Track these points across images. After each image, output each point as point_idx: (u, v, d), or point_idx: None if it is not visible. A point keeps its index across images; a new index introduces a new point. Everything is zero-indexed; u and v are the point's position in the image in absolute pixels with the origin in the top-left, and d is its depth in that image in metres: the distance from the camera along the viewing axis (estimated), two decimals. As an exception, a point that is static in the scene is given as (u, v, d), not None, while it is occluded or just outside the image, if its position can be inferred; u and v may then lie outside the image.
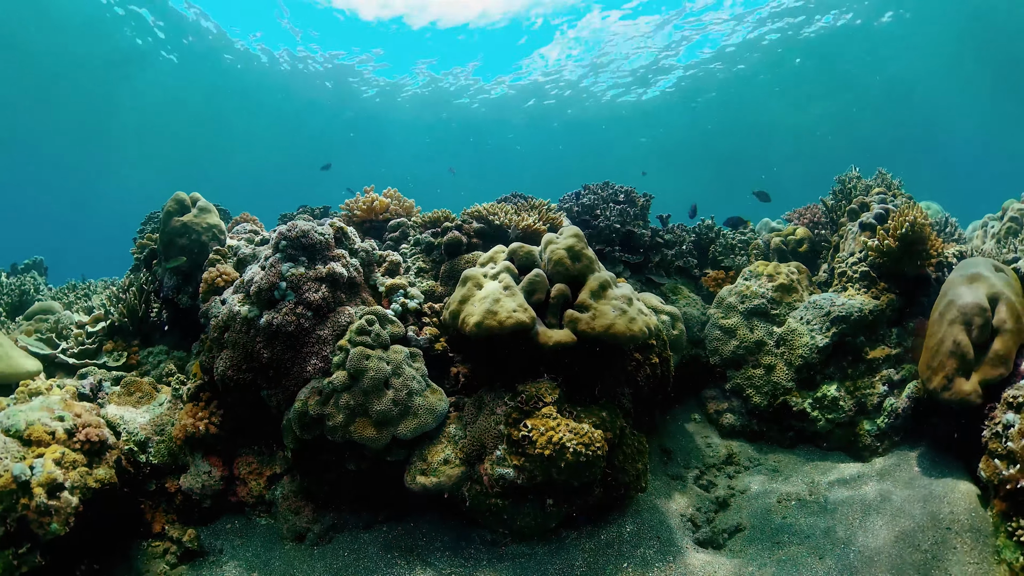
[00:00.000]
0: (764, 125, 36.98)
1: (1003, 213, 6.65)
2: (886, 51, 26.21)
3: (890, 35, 24.67)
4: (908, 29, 24.17)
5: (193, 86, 27.50)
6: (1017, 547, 3.56)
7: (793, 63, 26.91)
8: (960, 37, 25.03)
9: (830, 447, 5.48)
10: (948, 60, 27.49)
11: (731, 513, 4.89)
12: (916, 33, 24.57)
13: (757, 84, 29.26)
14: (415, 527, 4.61)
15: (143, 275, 6.45)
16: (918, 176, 8.21)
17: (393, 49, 25.76)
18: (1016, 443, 3.72)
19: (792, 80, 28.92)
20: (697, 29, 23.80)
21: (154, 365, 5.78)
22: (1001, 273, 4.67)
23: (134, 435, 4.82)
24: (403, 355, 4.47)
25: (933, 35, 24.75)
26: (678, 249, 7.43)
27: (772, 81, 28.98)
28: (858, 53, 26.25)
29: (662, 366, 5.13)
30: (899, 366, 5.45)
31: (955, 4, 22.35)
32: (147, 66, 25.02)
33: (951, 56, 27.03)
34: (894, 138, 41.12)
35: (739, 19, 23.14)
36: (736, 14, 22.71)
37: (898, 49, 26.04)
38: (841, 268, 6.21)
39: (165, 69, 25.44)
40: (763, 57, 26.33)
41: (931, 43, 25.53)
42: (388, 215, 6.51)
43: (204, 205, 6.08)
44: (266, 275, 4.57)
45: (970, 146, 47.51)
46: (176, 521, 4.73)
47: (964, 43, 25.56)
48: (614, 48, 25.53)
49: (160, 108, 30.11)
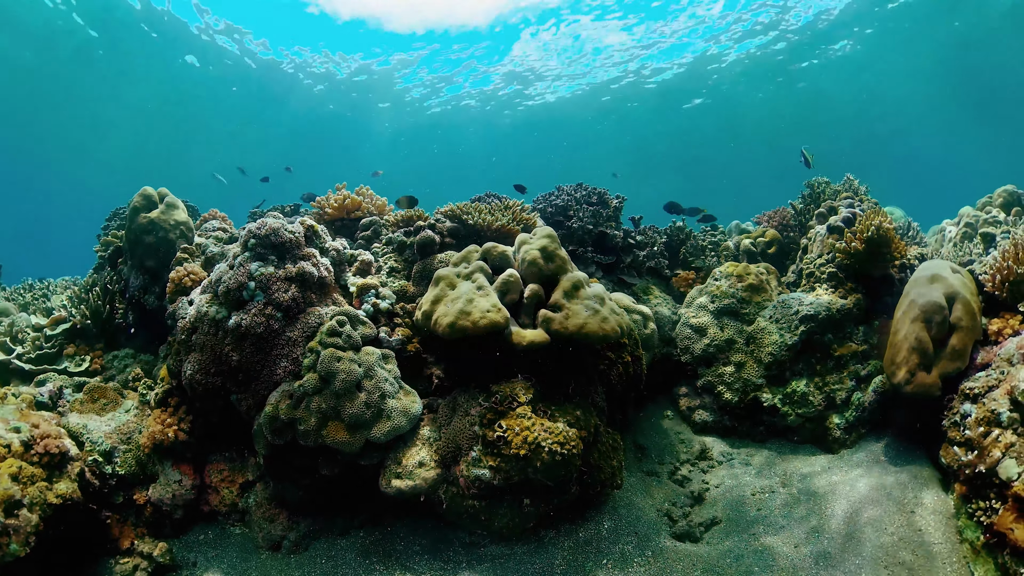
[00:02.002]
0: (737, 130, 37.79)
1: (959, 219, 6.95)
2: (854, 66, 27.20)
3: (858, 52, 25.67)
4: (874, 47, 25.14)
5: (157, 76, 26.44)
6: (978, 527, 3.71)
7: (766, 73, 27.58)
8: (924, 56, 26.26)
9: (801, 440, 5.61)
10: (912, 77, 28.90)
11: (707, 507, 4.96)
12: (882, 51, 25.63)
13: (731, 91, 29.82)
14: (392, 531, 4.56)
15: (108, 274, 6.22)
16: (883, 183, 8.60)
17: (377, 48, 25.39)
18: (973, 431, 3.90)
19: (764, 88, 29.60)
20: (671, 36, 24.18)
21: (119, 370, 5.58)
22: (958, 274, 4.88)
23: (98, 445, 4.66)
24: (375, 357, 4.43)
25: (897, 55, 25.92)
26: (650, 250, 7.51)
27: (746, 89, 29.60)
28: (828, 66, 27.18)
29: (634, 364, 5.17)
30: (865, 362, 5.61)
31: (920, 27, 23.31)
32: (108, 56, 24.03)
33: (915, 73, 28.41)
34: (861, 147, 42.79)
35: (711, 31, 23.65)
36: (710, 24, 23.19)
37: (865, 65, 27.12)
38: (809, 269, 6.35)
39: (128, 59, 24.42)
40: (737, 65, 26.88)
41: (896, 61, 26.71)
42: (360, 213, 6.43)
43: (172, 201, 5.91)
44: (234, 274, 4.47)
45: (932, 157, 50.02)
46: (146, 535, 4.56)
47: (926, 61, 26.82)
48: (585, 52, 25.73)
49: (124, 99, 28.90)
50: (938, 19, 22.86)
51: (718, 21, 23.05)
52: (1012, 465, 3.51)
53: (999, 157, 47.08)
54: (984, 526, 3.63)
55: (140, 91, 27.36)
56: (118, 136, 32.78)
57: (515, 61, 26.52)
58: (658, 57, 26.19)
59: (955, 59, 26.63)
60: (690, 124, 35.26)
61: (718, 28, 23.63)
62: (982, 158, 48.12)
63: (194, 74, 26.16)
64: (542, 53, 25.71)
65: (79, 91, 26.78)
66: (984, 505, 3.68)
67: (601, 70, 27.56)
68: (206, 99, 29.23)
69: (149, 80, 26.27)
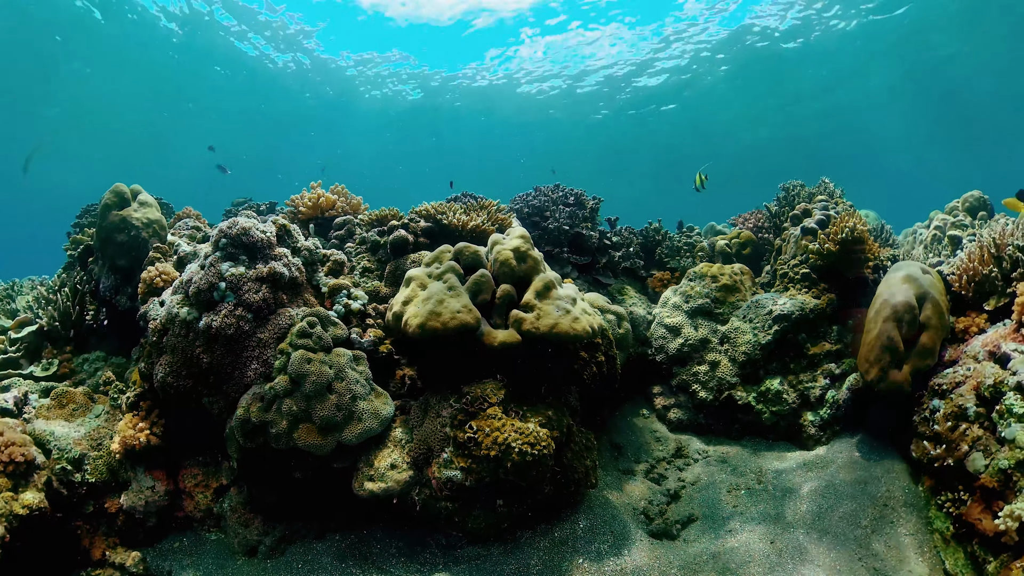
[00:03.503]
0: (713, 135, 38.30)
1: (930, 222, 7.13)
2: (830, 74, 27.85)
3: (835, 62, 26.34)
4: (850, 57, 25.81)
5: (133, 65, 25.61)
6: (947, 517, 3.82)
7: (742, 79, 27.96)
8: (897, 67, 27.05)
9: (776, 438, 5.65)
10: (886, 86, 29.81)
11: (683, 504, 4.98)
12: (857, 62, 26.35)
13: (708, 96, 30.16)
14: (368, 534, 4.53)
15: (78, 274, 6.07)
16: (858, 186, 8.78)
17: (363, 40, 25.13)
18: (942, 425, 3.99)
19: (741, 94, 30.01)
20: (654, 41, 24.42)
21: (90, 373, 5.45)
22: (928, 275, 4.99)
23: (67, 452, 4.52)
24: (346, 358, 4.39)
25: (873, 64, 26.59)
26: (625, 251, 7.55)
27: (723, 95, 29.98)
28: (805, 74, 27.75)
29: (608, 364, 5.18)
30: (839, 361, 5.67)
31: (893, 39, 24.02)
32: (81, 43, 23.27)
33: (889, 83, 29.31)
34: (837, 152, 44.03)
35: (688, 38, 23.98)
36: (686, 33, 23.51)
37: (842, 74, 27.82)
38: (783, 270, 6.42)
39: (101, 46, 23.65)
40: (715, 70, 27.20)
41: (871, 70, 27.45)
42: (335, 212, 6.38)
43: (145, 199, 5.80)
44: (205, 275, 4.42)
45: (904, 162, 51.89)
46: (118, 544, 4.45)
47: (898, 71, 27.62)
48: (571, 55, 25.87)
49: (97, 90, 27.94)
50: (911, 37, 23.70)
51: (696, 30, 23.34)
52: (979, 458, 3.61)
53: (969, 163, 48.69)
54: (953, 517, 3.72)
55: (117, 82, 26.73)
56: (91, 129, 32.00)
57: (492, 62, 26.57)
58: (637, 63, 26.42)
59: (929, 73, 27.74)
60: (668, 128, 35.61)
61: (697, 39, 23.95)
62: (953, 164, 49.75)
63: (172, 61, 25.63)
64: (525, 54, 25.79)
65: (51, 81, 26.13)
66: (953, 497, 3.78)
67: (577, 74, 27.70)
68: (186, 88, 28.63)
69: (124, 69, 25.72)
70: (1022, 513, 3.14)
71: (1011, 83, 29.15)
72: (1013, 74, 27.76)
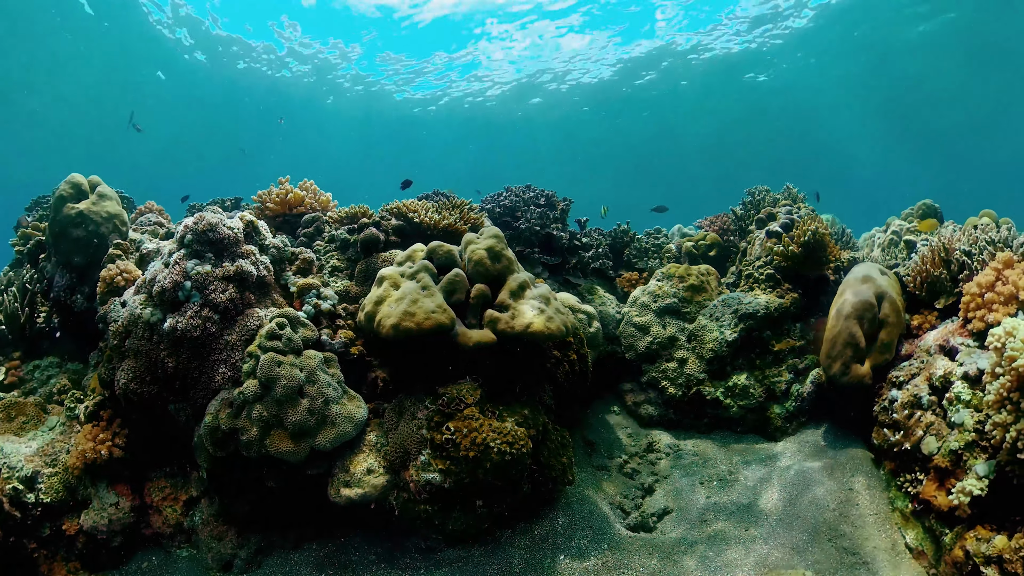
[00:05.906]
0: (680, 139, 39.21)
1: (887, 227, 7.54)
2: (792, 80, 28.84)
3: (797, 68, 27.39)
4: (812, 66, 26.89)
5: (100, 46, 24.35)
6: (906, 497, 4.15)
7: (707, 83, 28.72)
8: (859, 75, 28.49)
9: (744, 430, 5.82)
10: (848, 93, 31.29)
11: (657, 497, 5.08)
12: (819, 70, 27.46)
13: (675, 99, 30.79)
14: (346, 542, 4.45)
15: (27, 272, 5.73)
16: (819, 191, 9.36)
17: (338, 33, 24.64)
18: (899, 414, 4.30)
19: (707, 99, 30.81)
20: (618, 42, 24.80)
21: (42, 381, 5.16)
22: (885, 276, 5.33)
23: (17, 471, 4.25)
24: (317, 361, 4.29)
25: (835, 72, 27.83)
26: (595, 252, 7.64)
27: (690, 98, 30.68)
28: (768, 79, 28.75)
29: (580, 362, 5.23)
30: (803, 356, 5.90)
31: (855, 48, 25.13)
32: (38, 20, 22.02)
33: (851, 90, 30.77)
34: (800, 158, 45.81)
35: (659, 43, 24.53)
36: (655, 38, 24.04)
37: (804, 80, 28.90)
38: (748, 271, 6.63)
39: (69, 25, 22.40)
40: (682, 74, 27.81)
41: (833, 78, 28.68)
42: (303, 209, 6.22)
43: (104, 191, 5.47)
44: (170, 273, 4.26)
45: (864, 168, 54.79)
46: (79, 569, 4.21)
47: (859, 79, 29.03)
48: (543, 56, 26.03)
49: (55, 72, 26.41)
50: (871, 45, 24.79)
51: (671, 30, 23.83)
52: (932, 441, 3.92)
53: (925, 170, 51.67)
54: (911, 496, 4.05)
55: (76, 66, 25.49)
56: (41, 116, 30.37)
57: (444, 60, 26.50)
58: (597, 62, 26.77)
59: (890, 81, 29.32)
60: (631, 128, 36.19)
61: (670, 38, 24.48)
62: (910, 171, 52.82)
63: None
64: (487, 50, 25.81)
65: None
66: (911, 477, 4.10)
67: (545, 72, 27.90)
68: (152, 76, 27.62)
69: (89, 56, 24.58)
70: (972, 489, 3.44)
71: (964, 104, 31.59)
72: (966, 97, 30.23)
